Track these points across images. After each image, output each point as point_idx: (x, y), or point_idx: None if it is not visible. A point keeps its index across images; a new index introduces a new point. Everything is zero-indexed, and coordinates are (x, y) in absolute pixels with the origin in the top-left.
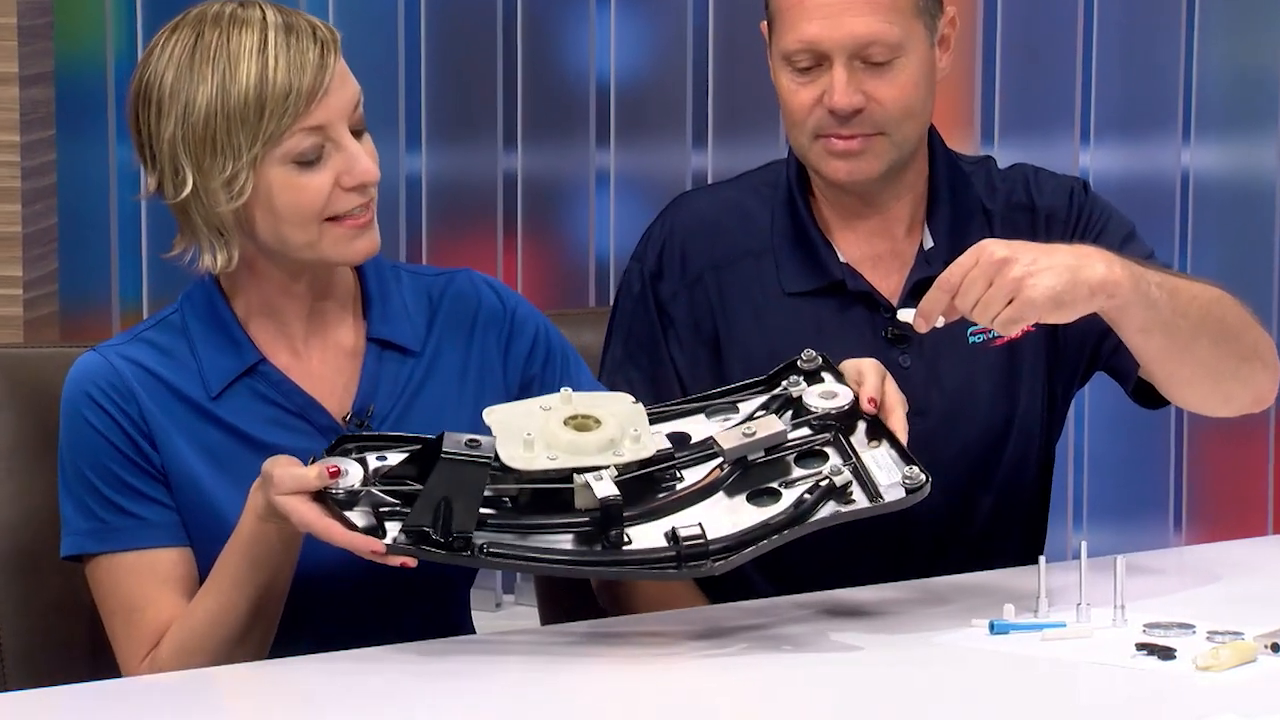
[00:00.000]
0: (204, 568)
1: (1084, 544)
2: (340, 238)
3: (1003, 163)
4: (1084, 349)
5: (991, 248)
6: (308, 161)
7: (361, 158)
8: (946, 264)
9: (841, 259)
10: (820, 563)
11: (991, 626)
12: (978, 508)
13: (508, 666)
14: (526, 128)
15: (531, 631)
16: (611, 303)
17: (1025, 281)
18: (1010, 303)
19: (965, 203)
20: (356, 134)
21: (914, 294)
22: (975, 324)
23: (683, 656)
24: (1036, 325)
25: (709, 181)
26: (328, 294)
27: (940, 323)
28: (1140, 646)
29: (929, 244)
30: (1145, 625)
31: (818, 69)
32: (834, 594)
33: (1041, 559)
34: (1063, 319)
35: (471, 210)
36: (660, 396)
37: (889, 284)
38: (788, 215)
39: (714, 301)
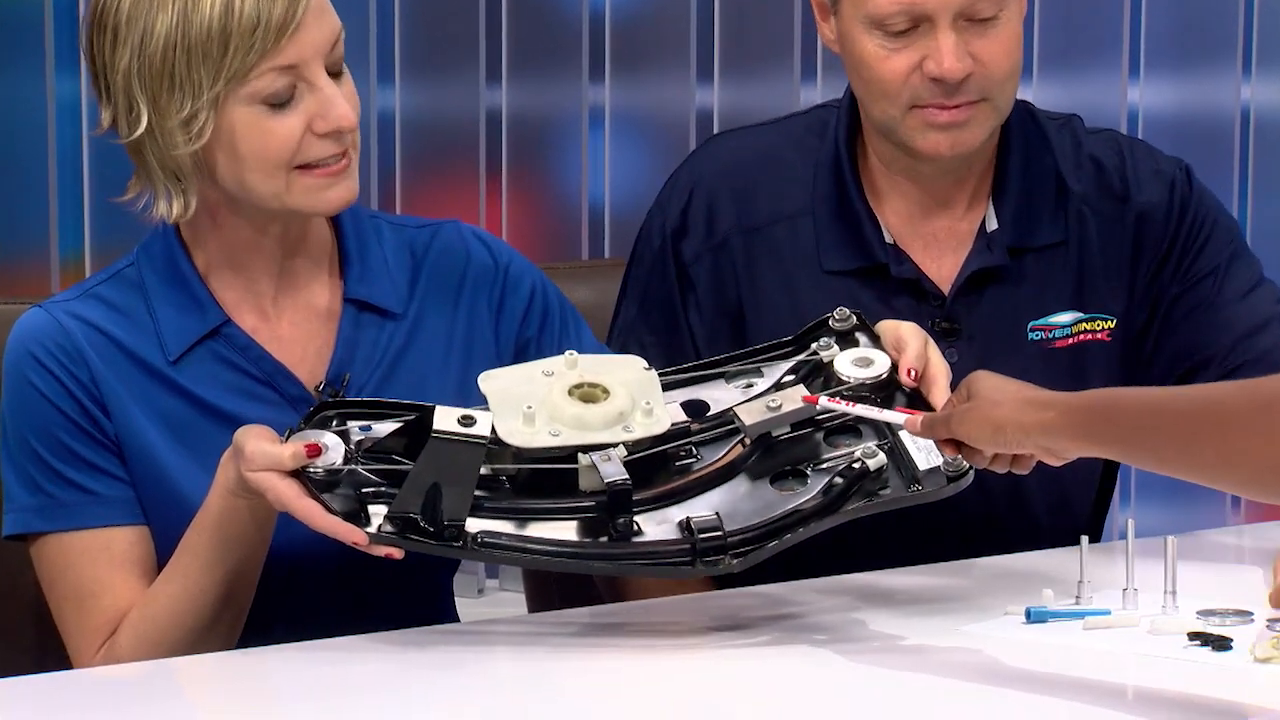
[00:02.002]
0: (161, 549)
1: (1131, 522)
2: (310, 187)
3: (1040, 105)
4: (1173, 371)
5: None
6: (278, 103)
7: (337, 101)
8: (1009, 250)
9: (887, 239)
10: (841, 544)
11: (1028, 614)
12: (1029, 505)
13: (497, 659)
14: (512, 60)
15: (521, 620)
16: (627, 257)
17: None
18: None
19: (1039, 176)
20: (335, 74)
21: (970, 286)
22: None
23: (694, 649)
24: (1110, 334)
25: (714, 121)
26: (299, 250)
27: None
28: (1193, 636)
29: (992, 225)
30: (1198, 612)
31: (914, 31)
32: (858, 578)
33: (1084, 539)
34: None
35: (450, 152)
36: (674, 365)
37: (941, 268)
38: (832, 179)
39: (740, 270)
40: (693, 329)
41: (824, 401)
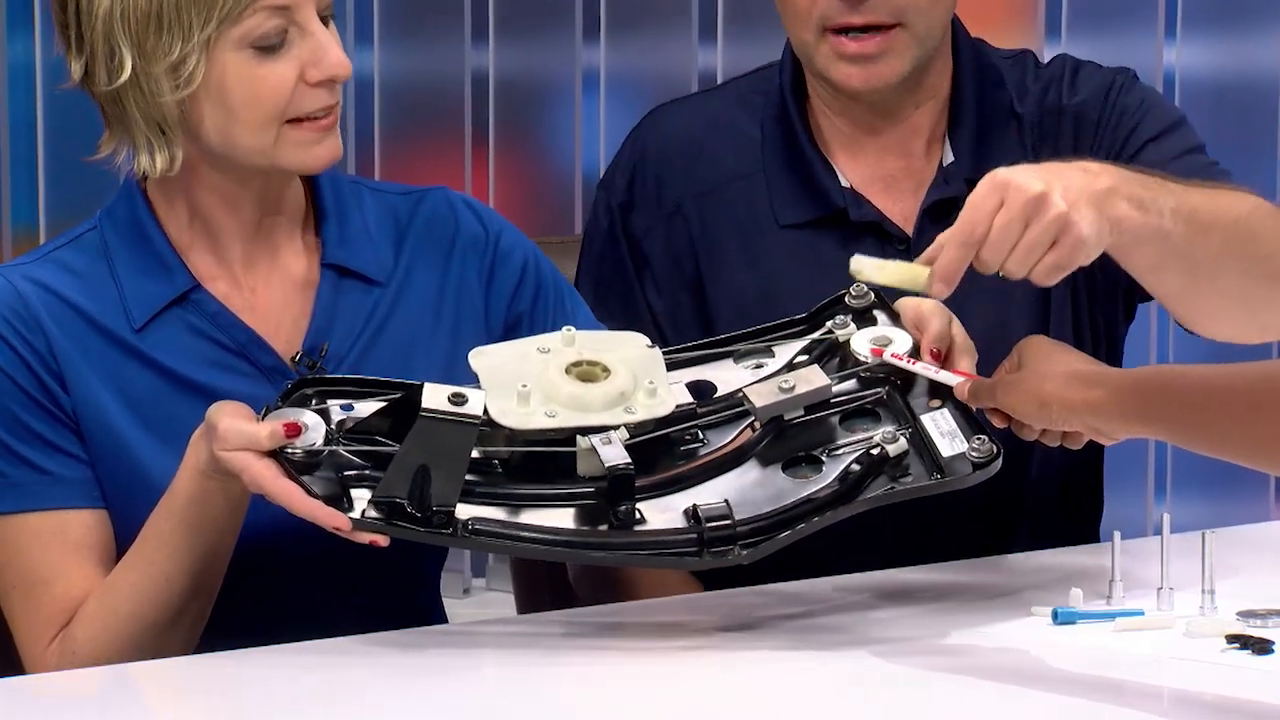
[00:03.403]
0: (122, 534)
1: (1166, 517)
2: (300, 142)
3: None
4: (1122, 274)
5: (1019, 180)
6: (269, 47)
7: (332, 48)
8: (968, 182)
9: (844, 183)
10: (847, 540)
11: (1055, 615)
12: (1023, 470)
13: (484, 663)
14: (500, 18)
15: (511, 621)
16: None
17: (1070, 218)
18: (1054, 246)
19: (994, 107)
20: (323, 21)
21: (929, 218)
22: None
23: (699, 651)
24: None
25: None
26: (278, 208)
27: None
28: (1232, 638)
29: (948, 159)
30: (1238, 613)
31: None
32: (874, 576)
33: (1116, 534)
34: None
35: (434, 118)
36: None
37: (902, 209)
38: (779, 130)
39: (696, 236)
40: (653, 308)
41: (886, 356)
